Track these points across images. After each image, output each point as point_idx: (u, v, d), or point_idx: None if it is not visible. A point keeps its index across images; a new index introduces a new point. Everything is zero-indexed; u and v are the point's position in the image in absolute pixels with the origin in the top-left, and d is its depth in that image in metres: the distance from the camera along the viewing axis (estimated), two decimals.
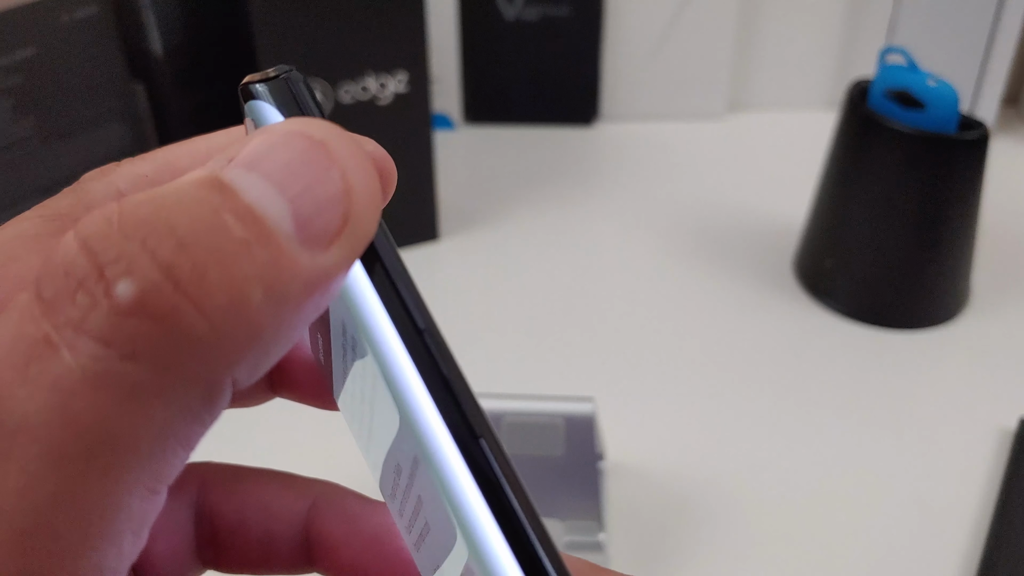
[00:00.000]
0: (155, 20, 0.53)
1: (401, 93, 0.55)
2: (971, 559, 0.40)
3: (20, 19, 0.46)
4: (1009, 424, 0.47)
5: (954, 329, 0.54)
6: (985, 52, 0.67)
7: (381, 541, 0.19)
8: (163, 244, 0.11)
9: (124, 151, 0.54)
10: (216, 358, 0.11)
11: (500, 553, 0.12)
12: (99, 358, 0.10)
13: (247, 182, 0.11)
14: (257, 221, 0.11)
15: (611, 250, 0.61)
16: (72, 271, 0.11)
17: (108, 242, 0.11)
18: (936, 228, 0.52)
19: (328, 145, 0.12)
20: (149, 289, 0.10)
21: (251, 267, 0.11)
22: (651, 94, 0.77)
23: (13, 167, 0.48)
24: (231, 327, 0.11)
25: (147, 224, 0.11)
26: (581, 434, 0.41)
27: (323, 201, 0.11)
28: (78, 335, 0.10)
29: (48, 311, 0.11)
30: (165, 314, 0.10)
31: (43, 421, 0.10)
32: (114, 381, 0.10)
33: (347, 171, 0.12)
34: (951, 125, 0.50)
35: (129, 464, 0.10)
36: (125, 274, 0.10)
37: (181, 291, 0.10)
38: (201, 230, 0.11)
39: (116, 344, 0.10)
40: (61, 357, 0.10)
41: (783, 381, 0.50)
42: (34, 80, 0.48)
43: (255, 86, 0.14)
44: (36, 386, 0.10)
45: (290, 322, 0.11)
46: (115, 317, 0.10)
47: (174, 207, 0.11)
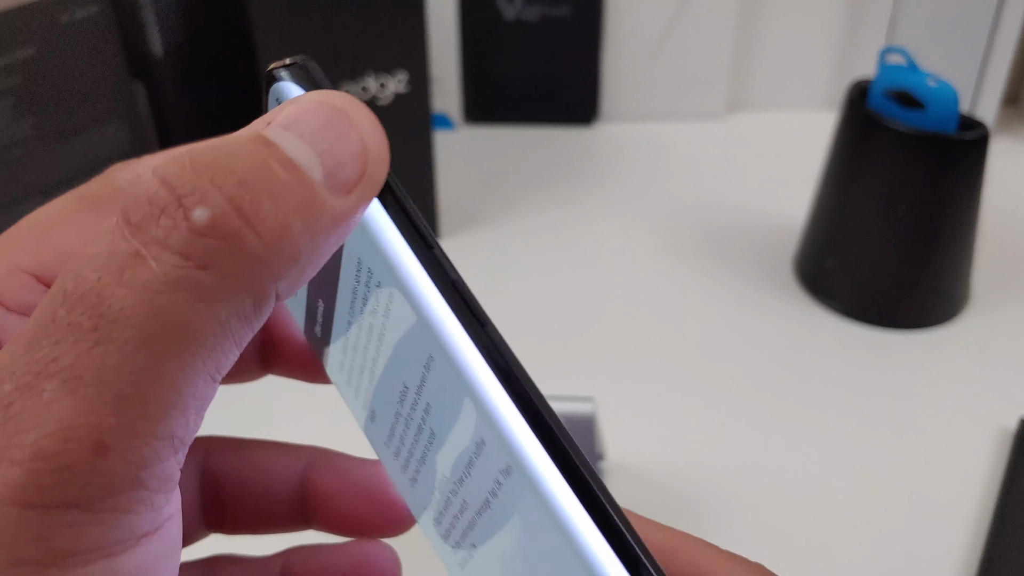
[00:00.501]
0: (155, 20, 0.53)
1: (401, 93, 0.55)
2: (971, 559, 0.40)
3: (20, 19, 0.46)
4: (1009, 424, 0.47)
5: (954, 329, 0.54)
6: (985, 52, 0.67)
7: (371, 489, 0.21)
8: (228, 181, 0.13)
9: (124, 151, 0.54)
10: (267, 271, 0.14)
11: (514, 418, 0.14)
12: (179, 267, 0.13)
13: (285, 139, 0.14)
14: (296, 169, 0.14)
15: (611, 250, 0.61)
16: (155, 200, 0.13)
17: (183, 179, 0.13)
18: (936, 228, 0.52)
19: (348, 112, 0.15)
20: (219, 215, 0.13)
21: (293, 203, 0.14)
22: (651, 94, 0.77)
23: (13, 167, 0.48)
24: (279, 248, 0.14)
25: (213, 166, 0.14)
26: (581, 434, 0.41)
27: (345, 156, 0.14)
28: (162, 250, 0.13)
29: (136, 232, 0.13)
30: (231, 234, 0.13)
31: (135, 314, 0.13)
32: (190, 285, 0.13)
33: (363, 133, 0.15)
34: (951, 125, 0.50)
35: (198, 351, 0.13)
36: (199, 203, 0.13)
37: (243, 217, 0.13)
38: (256, 173, 0.14)
39: (193, 257, 0.13)
40: (149, 266, 0.13)
41: (783, 381, 0.50)
42: (34, 80, 0.48)
43: (279, 71, 0.16)
44: (130, 288, 0.13)
45: (320, 248, 0.14)
46: (192, 235, 0.13)
47: (233, 154, 0.14)
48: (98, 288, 0.13)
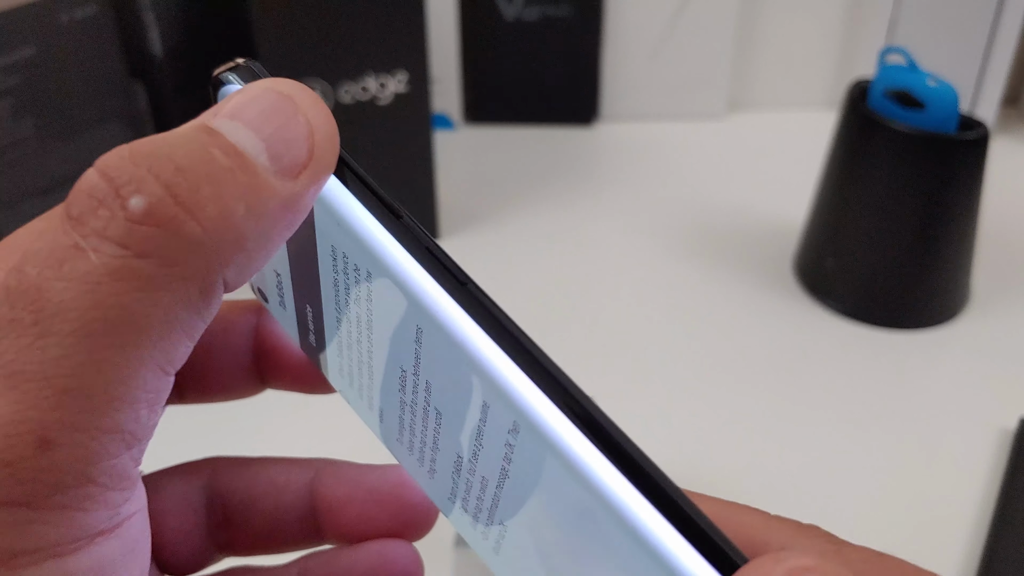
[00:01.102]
0: (155, 20, 0.53)
1: (401, 93, 0.55)
2: (971, 559, 0.40)
3: (20, 19, 0.46)
4: (1009, 424, 0.47)
5: (954, 329, 0.54)
6: (985, 52, 0.67)
7: (382, 495, 0.21)
8: (165, 169, 0.13)
9: None
10: (209, 258, 0.13)
11: (509, 369, 0.14)
12: (118, 256, 0.13)
13: (229, 127, 0.14)
14: (239, 154, 0.14)
15: (611, 250, 0.61)
16: (94, 193, 0.13)
17: (122, 169, 0.13)
18: (936, 228, 0.52)
19: (293, 96, 0.15)
20: (155, 202, 0.13)
21: (235, 188, 0.14)
22: (651, 94, 0.77)
23: (13, 167, 0.48)
24: (221, 233, 0.13)
25: (152, 155, 0.14)
26: None
27: (291, 139, 0.14)
28: (101, 241, 0.13)
29: (76, 224, 0.13)
30: (168, 221, 0.13)
31: (76, 306, 0.13)
32: (130, 274, 0.13)
33: (309, 116, 0.15)
34: (951, 125, 0.50)
35: (143, 342, 0.13)
36: (136, 192, 0.13)
37: (180, 203, 0.13)
38: (195, 160, 0.14)
39: (131, 246, 0.13)
40: (88, 258, 0.13)
41: (783, 381, 0.50)
42: (34, 80, 0.48)
43: (225, 74, 0.16)
44: (69, 280, 0.13)
45: (269, 233, 0.14)
46: (129, 225, 0.13)
47: (173, 144, 0.14)
48: (38, 283, 0.13)
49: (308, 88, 0.15)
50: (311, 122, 0.15)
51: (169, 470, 0.21)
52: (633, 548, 0.12)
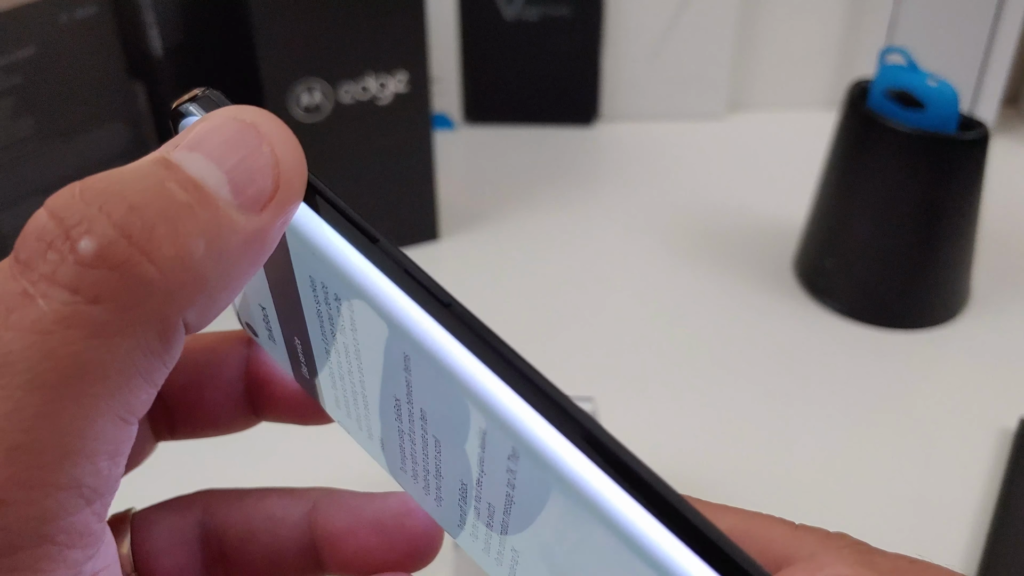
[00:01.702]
0: (155, 20, 0.53)
1: (401, 93, 0.55)
2: (971, 559, 0.40)
3: (20, 19, 0.46)
4: (1009, 424, 0.47)
5: (954, 329, 0.54)
6: (985, 52, 0.67)
7: (384, 524, 0.20)
8: (117, 207, 0.13)
9: (124, 151, 0.54)
10: (167, 301, 0.13)
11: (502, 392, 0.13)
12: (68, 303, 0.12)
13: (190, 159, 0.13)
14: (198, 188, 0.13)
15: (611, 250, 0.61)
16: (43, 235, 0.13)
17: (71, 208, 0.13)
18: (936, 228, 0.52)
19: (258, 125, 0.14)
20: (106, 244, 0.12)
21: (194, 225, 0.13)
22: (651, 94, 0.77)
23: (13, 167, 0.48)
24: (178, 274, 0.13)
25: (103, 193, 0.13)
26: None
27: (255, 170, 0.14)
28: (50, 286, 0.12)
29: (24, 270, 0.12)
30: (121, 263, 0.12)
31: (25, 356, 0.12)
32: (82, 321, 0.12)
33: (275, 146, 0.14)
34: (951, 125, 0.50)
35: (99, 391, 0.12)
36: (86, 233, 0.12)
37: (134, 244, 0.12)
38: (149, 196, 0.13)
39: (82, 290, 0.12)
40: (37, 305, 0.12)
41: (783, 381, 0.50)
42: (34, 80, 0.48)
43: (185, 106, 0.16)
44: (17, 329, 0.12)
45: (233, 271, 0.13)
46: (80, 268, 0.12)
47: (127, 180, 0.13)
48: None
49: (272, 115, 0.15)
50: (276, 151, 0.14)
51: (160, 506, 0.20)
52: (652, 574, 0.12)
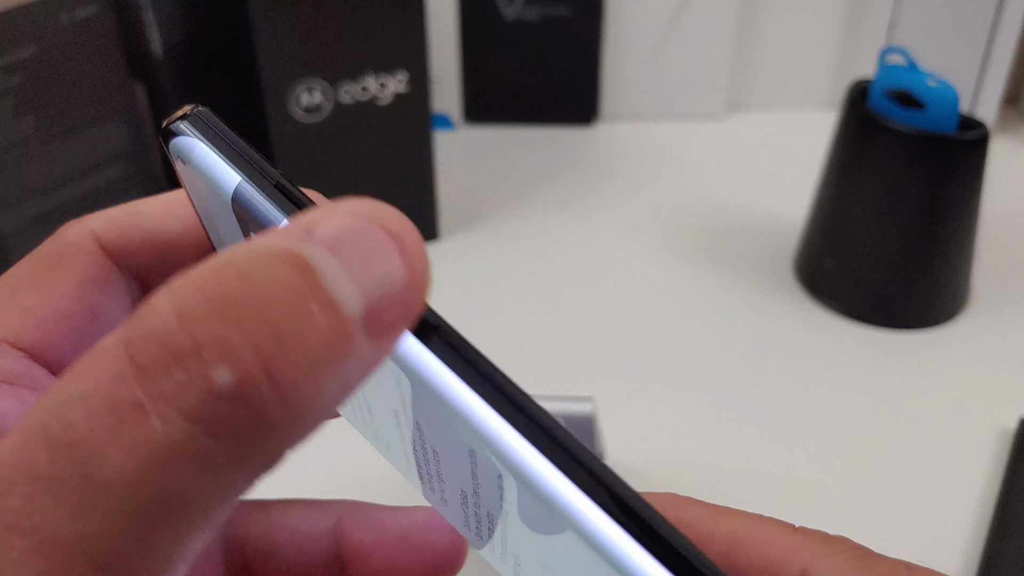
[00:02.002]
0: (155, 20, 0.53)
1: (401, 93, 0.55)
2: (971, 559, 0.40)
3: (20, 19, 0.46)
4: (1009, 424, 0.47)
5: (954, 329, 0.54)
6: (985, 52, 0.67)
7: (411, 539, 0.20)
8: (261, 333, 0.11)
9: (124, 151, 0.54)
10: (287, 439, 0.12)
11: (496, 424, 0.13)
12: (187, 432, 0.11)
13: (329, 265, 0.12)
14: (337, 312, 0.12)
15: (611, 250, 0.61)
16: (169, 343, 0.11)
17: (207, 321, 0.11)
18: (936, 228, 0.52)
19: (404, 241, 0.12)
20: (245, 379, 0.11)
21: (330, 360, 0.11)
22: (651, 94, 0.77)
23: (13, 167, 0.48)
24: (303, 411, 0.12)
25: (242, 307, 0.11)
26: (581, 434, 0.41)
27: (392, 296, 0.12)
28: (170, 408, 0.11)
29: (142, 377, 0.11)
30: (254, 402, 0.11)
31: (128, 481, 0.11)
32: (197, 454, 0.11)
33: (414, 269, 0.12)
34: (951, 125, 0.50)
35: (197, 521, 0.12)
36: (223, 360, 0.11)
37: (273, 383, 0.11)
38: (293, 321, 0.11)
39: (204, 423, 0.11)
40: (151, 425, 0.11)
41: (783, 381, 0.50)
42: (34, 80, 0.48)
43: (177, 124, 0.15)
44: (126, 449, 0.11)
45: (340, 400, 0.12)
46: (208, 399, 0.11)
47: (264, 287, 0.11)
48: (89, 443, 0.11)
49: (412, 225, 0.13)
50: (416, 276, 0.12)
51: None
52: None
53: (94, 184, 0.52)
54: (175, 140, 0.15)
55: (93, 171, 0.52)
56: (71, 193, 0.51)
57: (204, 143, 0.15)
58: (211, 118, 0.15)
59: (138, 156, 0.54)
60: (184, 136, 0.15)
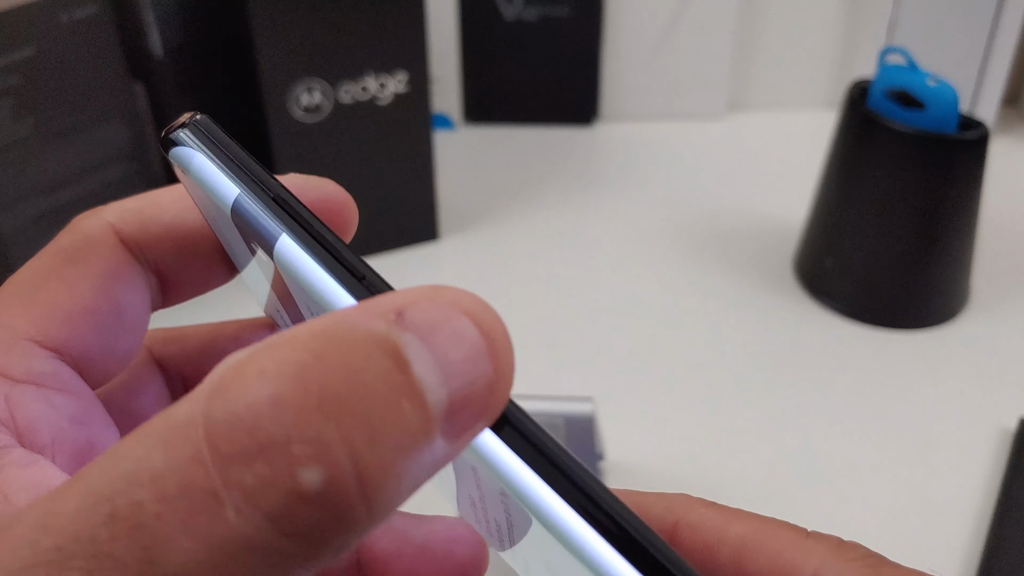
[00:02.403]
0: (155, 20, 0.53)
1: (401, 93, 0.55)
2: (971, 559, 0.40)
3: (20, 19, 0.46)
4: (1009, 424, 0.47)
5: (954, 329, 0.54)
6: (985, 52, 0.67)
7: (432, 549, 0.19)
8: (358, 434, 0.10)
9: (124, 151, 0.54)
10: (361, 536, 0.11)
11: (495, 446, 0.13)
12: (263, 529, 0.10)
13: (421, 359, 0.11)
14: (424, 410, 0.11)
15: (611, 250, 0.61)
16: (256, 433, 0.10)
17: (303, 416, 0.10)
18: (936, 228, 0.52)
19: (495, 341, 0.12)
20: (335, 482, 0.10)
21: (414, 458, 0.11)
22: (651, 94, 0.77)
23: (13, 167, 0.48)
24: (384, 513, 0.11)
25: (343, 402, 0.11)
26: (581, 434, 0.41)
27: (474, 398, 0.12)
28: (247, 503, 0.10)
29: (222, 466, 0.10)
30: (340, 506, 0.10)
31: (193, 572, 0.10)
32: (270, 552, 0.10)
33: (501, 371, 0.12)
34: (951, 125, 0.50)
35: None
36: (315, 460, 0.10)
37: (361, 489, 0.10)
38: (388, 420, 0.11)
39: (283, 522, 0.10)
40: (226, 518, 0.10)
41: (783, 381, 0.50)
42: (34, 80, 0.48)
43: (177, 133, 0.15)
44: (196, 539, 0.10)
45: (409, 493, 0.11)
46: (292, 499, 0.10)
47: (364, 380, 0.11)
48: (156, 528, 0.10)
49: (504, 325, 0.12)
50: (499, 381, 0.12)
51: None
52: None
53: (94, 184, 0.52)
54: (175, 149, 0.15)
55: (93, 171, 0.52)
56: (71, 193, 0.51)
57: (203, 153, 0.15)
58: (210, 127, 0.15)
59: (138, 156, 0.54)
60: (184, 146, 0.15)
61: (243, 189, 0.15)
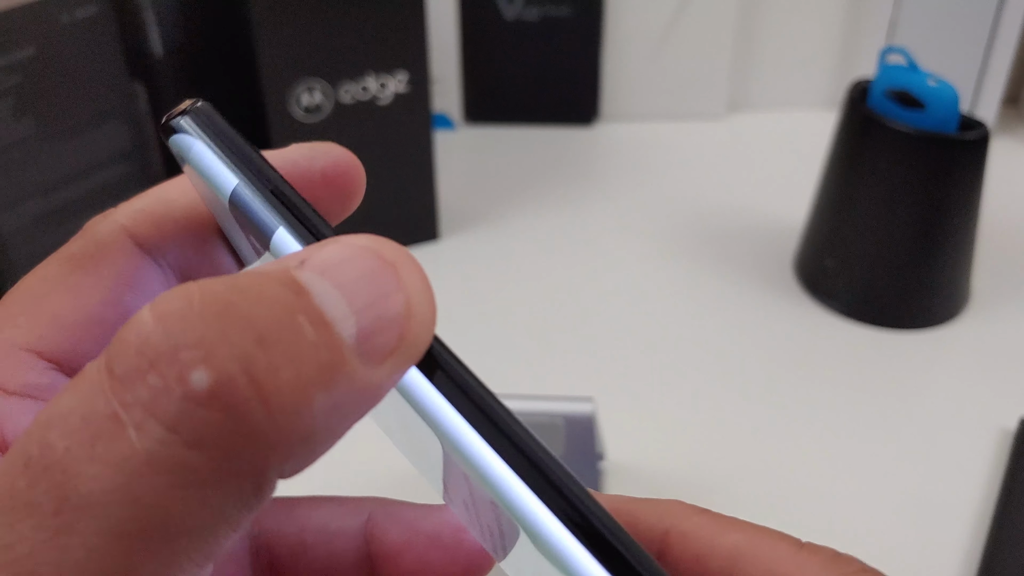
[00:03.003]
0: (155, 20, 0.53)
1: (401, 93, 0.55)
2: (971, 559, 0.40)
3: (20, 19, 0.46)
4: (1009, 424, 0.47)
5: (954, 329, 0.54)
6: (985, 52, 0.67)
7: (441, 538, 0.19)
8: (243, 336, 0.11)
9: (124, 151, 0.54)
10: (272, 453, 0.11)
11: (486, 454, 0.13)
12: (165, 443, 0.11)
13: (320, 287, 0.12)
14: (327, 326, 0.11)
15: (611, 250, 0.61)
16: (145, 349, 0.11)
17: (186, 324, 0.11)
18: (936, 228, 0.52)
19: (398, 267, 0.12)
20: (224, 381, 0.11)
21: (316, 370, 0.11)
22: (651, 94, 0.77)
23: (13, 167, 0.48)
24: (290, 426, 0.11)
25: (227, 311, 0.11)
26: (581, 434, 0.41)
27: (385, 319, 0.12)
28: (146, 417, 0.11)
29: (118, 388, 0.11)
30: (235, 407, 0.11)
31: (107, 501, 0.11)
32: (177, 467, 0.11)
33: (411, 295, 0.12)
34: (951, 125, 0.50)
35: (182, 544, 0.11)
36: (202, 362, 0.11)
37: (254, 386, 0.11)
38: (278, 327, 0.11)
39: (183, 431, 0.11)
40: (128, 437, 0.11)
41: (783, 381, 0.50)
42: (34, 80, 0.48)
43: (177, 120, 0.15)
44: (102, 464, 0.11)
45: (337, 427, 0.12)
46: (186, 404, 0.10)
47: (253, 299, 0.11)
48: (65, 462, 0.11)
49: (412, 257, 0.13)
50: (411, 301, 0.12)
51: None
52: None
53: (94, 184, 0.52)
54: (174, 137, 0.15)
55: (93, 171, 0.52)
56: (71, 193, 0.51)
57: (202, 142, 0.15)
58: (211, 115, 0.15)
59: (138, 156, 0.54)
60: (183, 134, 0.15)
61: (242, 179, 0.15)
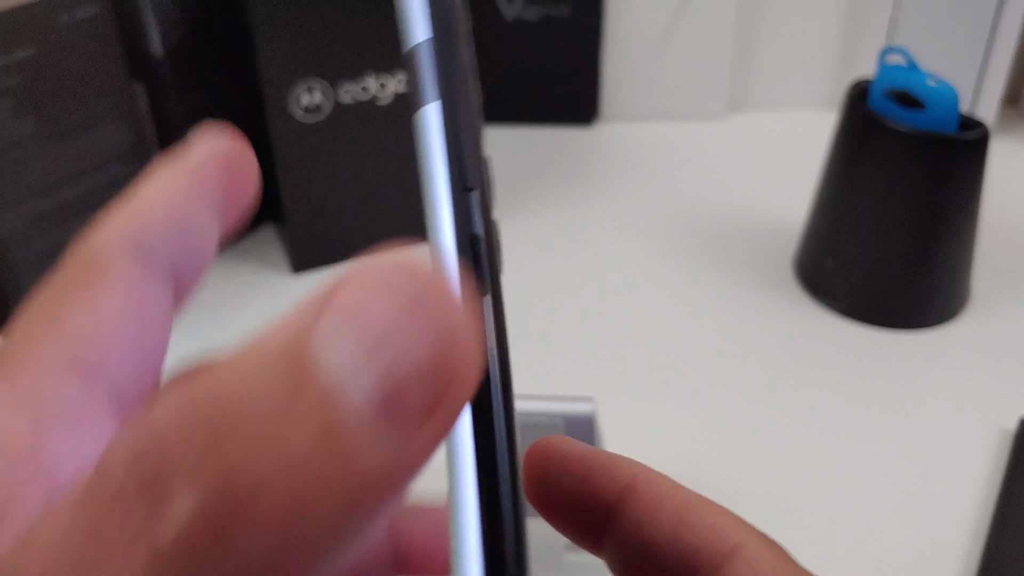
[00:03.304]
0: (155, 20, 0.53)
1: (401, 93, 0.55)
2: (971, 559, 0.40)
3: (20, 19, 0.46)
4: (1009, 424, 0.47)
5: (954, 329, 0.54)
6: (985, 52, 0.67)
7: None
8: (225, 452, 0.09)
9: (124, 151, 0.54)
10: (268, 568, 0.09)
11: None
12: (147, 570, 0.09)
13: (333, 351, 0.09)
14: (333, 412, 0.09)
15: (611, 250, 0.61)
16: (118, 480, 0.10)
17: (162, 445, 0.09)
18: (936, 228, 0.52)
19: (426, 305, 0.10)
20: (204, 507, 0.09)
21: (320, 476, 0.09)
22: (651, 94, 0.77)
23: (13, 167, 0.48)
24: (290, 540, 0.09)
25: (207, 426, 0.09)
26: (581, 434, 0.41)
27: (411, 376, 0.09)
28: (128, 552, 0.09)
29: (93, 520, 0.10)
30: (218, 533, 0.09)
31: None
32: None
33: (441, 338, 0.10)
34: (951, 125, 0.50)
35: None
36: (187, 486, 0.09)
37: (240, 508, 0.09)
38: (266, 433, 0.09)
39: (162, 558, 0.09)
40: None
41: (783, 381, 0.50)
42: (34, 80, 0.48)
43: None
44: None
45: (357, 525, 0.10)
46: (167, 539, 0.09)
47: (238, 402, 0.09)
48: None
49: (439, 276, 0.10)
50: (441, 341, 0.10)
51: None
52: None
53: (94, 184, 0.52)
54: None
55: (93, 171, 0.52)
56: (71, 193, 0.51)
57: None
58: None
59: (138, 156, 0.54)
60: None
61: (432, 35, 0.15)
